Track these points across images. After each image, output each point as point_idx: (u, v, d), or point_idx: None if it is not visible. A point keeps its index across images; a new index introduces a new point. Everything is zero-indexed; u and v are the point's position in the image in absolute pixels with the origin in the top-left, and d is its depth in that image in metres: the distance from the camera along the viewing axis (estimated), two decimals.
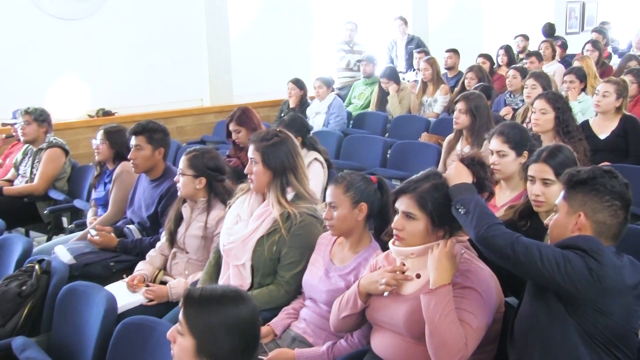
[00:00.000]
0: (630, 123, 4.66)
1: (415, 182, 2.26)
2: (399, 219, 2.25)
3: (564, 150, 2.77)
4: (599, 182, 2.06)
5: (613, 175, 2.09)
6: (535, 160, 2.75)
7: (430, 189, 2.23)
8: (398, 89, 7.02)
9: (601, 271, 1.95)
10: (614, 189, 2.06)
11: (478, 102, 4.42)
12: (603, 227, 2.05)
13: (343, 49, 8.38)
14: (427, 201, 2.21)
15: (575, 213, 2.07)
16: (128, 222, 3.94)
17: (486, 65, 7.53)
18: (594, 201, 2.05)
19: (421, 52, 7.93)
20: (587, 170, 2.10)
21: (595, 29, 9.94)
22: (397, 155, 5.44)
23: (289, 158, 2.90)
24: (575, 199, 2.08)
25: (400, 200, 2.26)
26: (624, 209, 2.07)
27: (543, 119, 3.99)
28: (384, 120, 6.76)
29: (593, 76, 6.37)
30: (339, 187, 2.64)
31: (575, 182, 2.10)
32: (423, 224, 2.22)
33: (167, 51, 7.25)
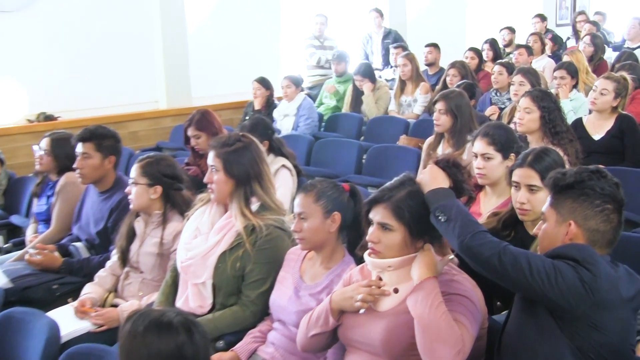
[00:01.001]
0: (627, 123, 4.76)
1: (389, 190, 2.28)
2: (374, 230, 2.27)
3: (551, 153, 2.82)
4: (588, 185, 2.09)
5: (602, 175, 2.11)
6: (520, 164, 2.79)
7: (406, 196, 2.24)
8: (374, 87, 7.07)
9: (595, 283, 1.97)
10: (603, 191, 2.08)
11: (458, 100, 4.48)
12: (596, 234, 2.08)
13: (313, 44, 8.42)
14: (403, 210, 2.22)
15: (565, 222, 2.09)
16: (74, 239, 3.91)
17: (474, 62, 7.65)
18: (584, 207, 2.08)
19: (399, 47, 7.99)
20: (573, 173, 2.13)
21: (589, 21, 10.12)
22: (373, 160, 5.48)
23: (254, 165, 2.91)
24: (564, 206, 2.11)
25: (375, 210, 2.28)
26: (617, 212, 2.10)
27: (527, 119, 4.05)
28: (358, 123, 6.81)
29: (585, 71, 6.48)
30: (309, 196, 2.66)
31: (561, 187, 2.12)
32: (401, 235, 2.24)
33: (118, 48, 7.21)
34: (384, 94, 7.14)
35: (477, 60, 7.72)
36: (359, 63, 7.44)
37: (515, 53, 7.76)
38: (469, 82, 5.99)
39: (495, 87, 6.40)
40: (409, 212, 2.22)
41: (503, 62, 6.60)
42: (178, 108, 7.49)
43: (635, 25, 8.74)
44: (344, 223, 2.68)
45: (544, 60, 8.12)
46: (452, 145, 4.46)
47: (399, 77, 7.05)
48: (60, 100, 6.87)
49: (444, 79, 6.77)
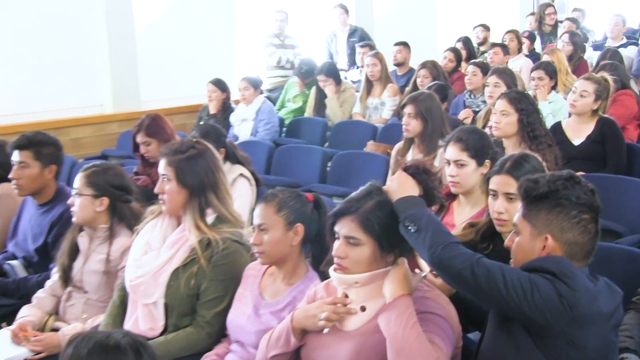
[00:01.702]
0: (608, 127, 4.85)
1: (356, 201, 2.29)
2: (340, 245, 2.28)
3: (530, 160, 2.86)
4: (563, 194, 2.12)
5: (576, 182, 2.15)
6: (498, 171, 2.83)
7: (374, 207, 2.26)
8: (338, 89, 7.12)
9: (573, 298, 2.00)
10: (579, 200, 2.12)
11: (429, 103, 4.54)
12: (575, 247, 2.11)
13: (272, 43, 8.45)
14: (372, 223, 2.24)
15: (541, 235, 2.12)
16: (9, 257, 3.86)
17: (452, 64, 7.74)
18: (560, 219, 2.11)
19: (365, 46, 8.05)
20: (546, 181, 2.15)
21: (570, 18, 10.33)
22: (338, 168, 5.52)
23: (209, 174, 2.92)
24: (538, 218, 2.14)
25: (341, 223, 2.29)
26: (594, 221, 2.14)
27: (504, 122, 4.13)
28: (322, 127, 6.85)
29: (565, 72, 6.62)
30: (269, 207, 2.67)
31: (534, 197, 2.15)
32: (369, 250, 2.25)
33: (58, 46, 7.14)
34: (350, 96, 7.19)
35: (456, 62, 7.81)
36: (323, 63, 7.48)
37: (490, 52, 7.88)
38: (441, 84, 6.06)
39: (468, 89, 6.48)
40: (378, 224, 2.24)
41: (477, 62, 6.68)
42: (125, 112, 7.44)
43: (618, 22, 8.93)
44: (307, 236, 2.69)
45: (520, 60, 8.25)
46: (422, 151, 4.51)
47: (366, 78, 7.09)
48: None
49: (414, 80, 6.83)
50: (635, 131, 5.77)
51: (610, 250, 3.17)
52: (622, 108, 5.67)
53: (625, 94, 5.77)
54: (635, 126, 5.78)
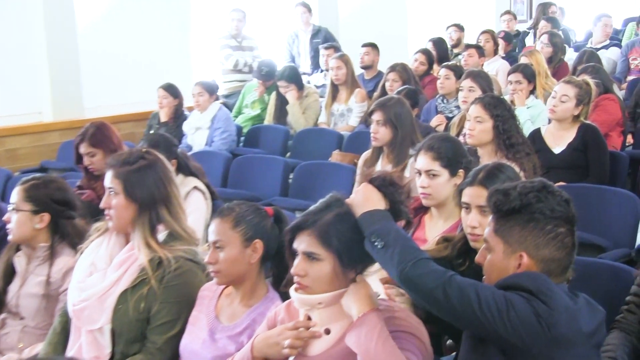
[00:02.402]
0: (590, 134, 4.95)
1: (314, 213, 2.31)
2: (299, 262, 2.30)
3: (505, 170, 2.90)
4: (536, 208, 2.15)
5: (549, 192, 2.18)
6: (470, 182, 2.86)
7: (333, 220, 2.28)
8: (301, 95, 7.15)
9: (551, 317, 2.03)
10: (554, 213, 2.14)
11: (398, 108, 4.59)
12: (552, 264, 2.14)
13: (229, 45, 8.46)
14: (331, 236, 2.26)
15: (515, 253, 2.15)
16: None
17: (424, 67, 7.81)
18: (535, 235, 2.14)
19: (330, 48, 8.06)
20: (517, 194, 2.17)
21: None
22: (301, 180, 5.56)
23: (160, 187, 2.92)
24: (511, 235, 2.16)
25: (299, 238, 2.31)
26: (571, 234, 2.17)
27: (478, 129, 4.19)
28: (284, 136, 6.88)
29: (544, 75, 6.68)
30: (225, 222, 2.68)
31: (505, 212, 2.18)
32: (330, 266, 2.27)
33: None
34: (313, 102, 7.22)
35: (427, 65, 7.87)
36: (284, 66, 7.51)
37: (464, 54, 7.93)
38: (412, 88, 6.08)
39: (441, 94, 6.54)
40: (338, 238, 2.26)
41: (450, 65, 6.72)
42: (67, 121, 7.39)
43: (608, 23, 9.04)
44: (267, 253, 2.71)
45: (497, 62, 8.34)
46: (392, 160, 4.55)
47: (331, 83, 7.13)
48: None
49: (382, 85, 6.88)
50: (619, 138, 5.88)
51: (592, 266, 3.24)
52: (605, 114, 5.78)
53: (608, 99, 5.87)
54: (619, 133, 5.89)
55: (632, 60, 8.23)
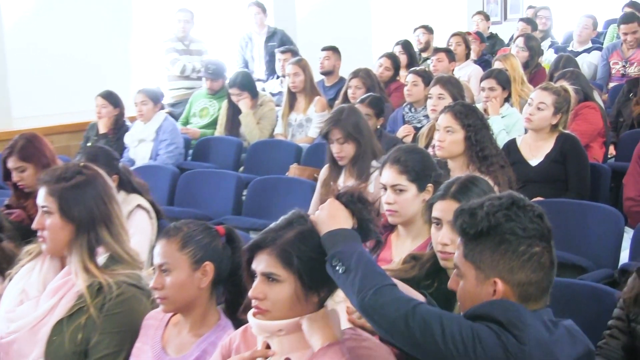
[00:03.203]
0: (570, 144, 5.02)
1: (275, 231, 2.33)
2: (258, 284, 2.30)
3: (479, 183, 2.94)
4: (506, 228, 2.14)
5: (519, 207, 2.18)
6: (442, 196, 2.89)
7: (295, 239, 2.30)
8: (255, 103, 7.16)
9: (522, 353, 2.03)
10: (527, 232, 2.14)
11: (353, 119, 4.62)
12: (529, 288, 2.14)
13: (175, 48, 8.45)
14: (292, 256, 2.27)
15: (488, 279, 2.15)
16: None
17: (389, 73, 7.85)
18: (508, 258, 2.13)
19: (287, 52, 8.09)
20: (485, 214, 2.16)
21: (524, 19, 10.57)
22: (256, 197, 5.58)
23: (100, 205, 2.91)
24: (482, 260, 2.16)
25: (258, 258, 2.32)
26: (548, 252, 2.18)
27: (449, 140, 4.25)
28: (236, 149, 6.89)
29: (519, 81, 6.76)
30: (172, 243, 2.68)
31: (474, 235, 2.17)
32: (291, 288, 2.28)
33: None
34: (269, 111, 7.24)
35: (393, 70, 7.91)
36: (236, 72, 7.50)
37: (433, 59, 7.97)
38: (376, 96, 6.04)
39: (408, 102, 6.56)
40: (299, 258, 2.27)
41: (418, 70, 6.73)
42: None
43: (587, 25, 9.15)
44: (218, 277, 2.70)
45: (468, 68, 8.43)
46: (354, 174, 4.58)
47: (288, 90, 7.15)
48: None
49: (344, 92, 6.88)
50: (601, 150, 5.97)
51: (572, 288, 3.30)
52: (586, 123, 5.86)
53: (589, 107, 5.96)
54: (601, 144, 5.98)
55: (613, 65, 8.34)
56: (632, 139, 5.73)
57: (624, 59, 8.25)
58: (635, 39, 8.22)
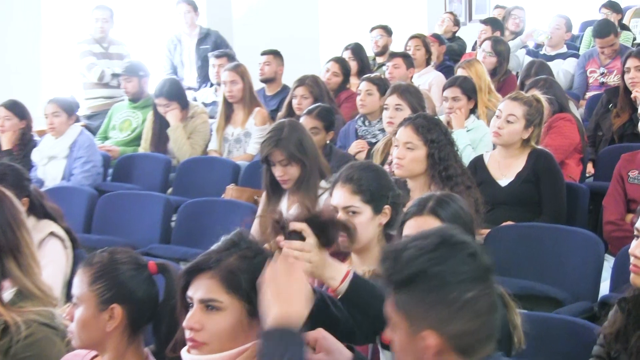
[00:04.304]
0: (543, 162, 5.08)
1: (217, 252, 2.36)
2: (194, 313, 2.32)
3: (456, 200, 3.03)
4: (433, 274, 2.08)
5: (448, 246, 2.11)
6: (418, 211, 2.96)
7: (242, 260, 2.33)
8: (185, 115, 7.16)
9: None
10: (457, 276, 2.08)
11: (296, 135, 4.60)
12: (465, 338, 2.09)
13: (92, 51, 8.41)
14: (239, 279, 2.30)
15: (419, 332, 2.10)
16: None
17: (337, 79, 7.88)
18: (438, 308, 2.08)
19: (222, 57, 8.09)
20: (409, 258, 2.10)
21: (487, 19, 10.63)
22: (187, 222, 5.59)
23: (7, 232, 2.92)
24: (412, 311, 2.10)
25: (197, 283, 2.34)
26: (486, 295, 2.12)
27: (409, 158, 4.29)
28: (164, 167, 6.89)
29: (486, 90, 6.82)
30: (85, 274, 2.69)
31: (399, 283, 2.12)
32: (234, 316, 2.31)
33: None
34: (201, 124, 7.25)
35: (343, 77, 7.95)
36: (163, 79, 7.50)
37: (388, 64, 7.98)
38: (325, 107, 6.05)
39: (361, 113, 6.56)
40: (247, 281, 2.30)
41: (372, 78, 6.72)
42: None
43: (560, 25, 9.26)
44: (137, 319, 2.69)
45: (429, 75, 8.49)
46: (299, 199, 4.57)
47: (224, 100, 7.16)
48: None
49: (288, 103, 6.91)
50: (578, 167, 6.05)
51: (548, 322, 3.35)
52: (561, 137, 5.94)
53: (564, 119, 6.03)
54: (577, 161, 6.06)
55: (590, 73, 8.45)
56: (612, 155, 5.78)
57: (602, 67, 8.39)
58: (613, 51, 8.37)
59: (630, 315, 2.96)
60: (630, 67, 6.47)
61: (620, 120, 6.45)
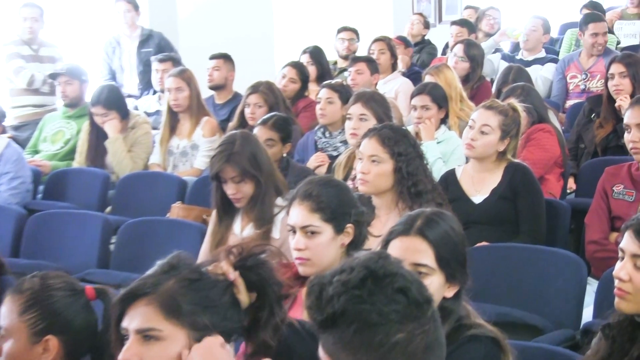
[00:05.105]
0: (521, 177, 5.11)
1: (153, 277, 2.36)
2: (131, 344, 2.32)
3: (447, 219, 3.03)
4: (356, 314, 2.01)
5: (375, 281, 2.06)
6: (404, 231, 2.96)
7: (179, 285, 2.33)
8: (125, 126, 7.15)
9: None
10: (383, 317, 2.03)
11: (248, 149, 4.61)
12: None
13: (20, 53, 8.38)
14: (179, 304, 2.31)
15: None
16: None
17: (295, 85, 7.89)
18: (363, 352, 2.04)
19: (167, 61, 8.12)
20: (331, 295, 2.05)
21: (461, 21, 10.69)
22: (128, 244, 5.58)
23: None
24: (337, 355, 2.07)
25: (133, 312, 2.33)
26: (422, 333, 2.08)
27: (374, 172, 4.31)
28: (102, 184, 6.86)
29: (458, 99, 6.87)
30: (14, 303, 2.70)
31: (322, 324, 2.07)
32: (174, 345, 2.30)
33: None
34: (143, 136, 7.26)
35: (300, 83, 7.96)
36: (100, 86, 7.48)
37: (351, 70, 7.93)
38: (282, 116, 6.08)
39: (322, 124, 6.58)
40: (190, 305, 2.32)
41: (333, 84, 6.73)
42: None
43: (537, 27, 9.26)
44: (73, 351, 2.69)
45: (395, 81, 8.49)
46: (254, 218, 4.62)
47: (168, 109, 7.16)
48: None
49: (240, 112, 6.95)
50: (558, 183, 6.11)
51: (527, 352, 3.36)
52: (540, 150, 5.99)
53: (543, 130, 6.07)
54: (558, 176, 6.12)
55: (571, 79, 8.51)
56: (594, 169, 5.83)
57: (584, 71, 8.43)
58: (605, 42, 8.45)
59: (615, 343, 3.01)
60: (614, 74, 6.50)
61: (604, 131, 6.49)
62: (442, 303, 2.91)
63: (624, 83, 6.46)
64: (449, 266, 2.96)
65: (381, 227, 4.06)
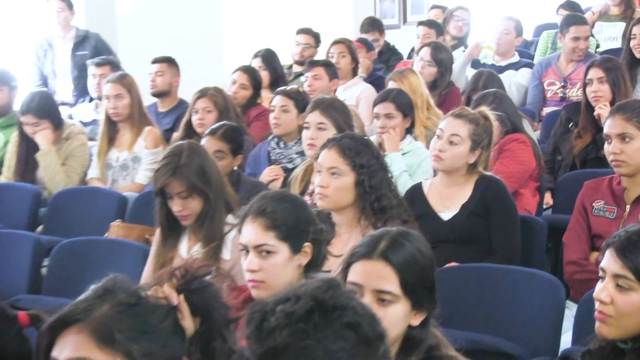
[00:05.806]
0: (493, 192, 5.14)
1: (85, 302, 2.33)
2: None
3: (414, 240, 3.02)
4: (295, 351, 2.01)
5: (323, 313, 2.05)
6: (366, 254, 2.96)
7: (114, 310, 2.31)
8: (59, 136, 7.13)
9: None
10: (330, 354, 2.01)
11: (199, 162, 4.62)
12: None
13: None
14: (113, 331, 2.29)
15: None
16: None
17: (246, 92, 7.89)
18: None
19: (104, 65, 8.11)
20: (272, 328, 2.04)
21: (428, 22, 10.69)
22: (62, 267, 5.55)
23: None
24: None
25: (63, 341, 2.31)
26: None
27: (334, 186, 4.34)
28: (32, 200, 6.83)
29: (424, 106, 6.88)
30: None
31: (261, 357, 2.05)
32: None
33: None
34: (79, 148, 7.24)
35: (252, 90, 7.97)
36: (30, 93, 7.45)
37: (307, 75, 7.98)
38: (232, 125, 6.08)
39: (276, 134, 6.60)
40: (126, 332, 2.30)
41: (288, 91, 6.74)
42: None
43: (509, 29, 9.30)
44: None
45: (357, 87, 8.54)
46: (202, 237, 4.63)
47: (106, 119, 7.15)
48: None
49: (187, 121, 6.96)
50: (534, 198, 6.17)
51: None
52: (513, 162, 6.04)
53: (517, 141, 6.13)
54: (533, 190, 6.17)
55: (548, 86, 8.53)
56: (573, 183, 5.86)
57: (563, 78, 8.45)
58: (587, 47, 8.48)
59: None
60: (592, 79, 6.54)
61: (582, 142, 6.53)
62: (408, 332, 2.92)
63: (602, 89, 6.49)
64: (415, 293, 2.95)
65: (342, 246, 4.10)
